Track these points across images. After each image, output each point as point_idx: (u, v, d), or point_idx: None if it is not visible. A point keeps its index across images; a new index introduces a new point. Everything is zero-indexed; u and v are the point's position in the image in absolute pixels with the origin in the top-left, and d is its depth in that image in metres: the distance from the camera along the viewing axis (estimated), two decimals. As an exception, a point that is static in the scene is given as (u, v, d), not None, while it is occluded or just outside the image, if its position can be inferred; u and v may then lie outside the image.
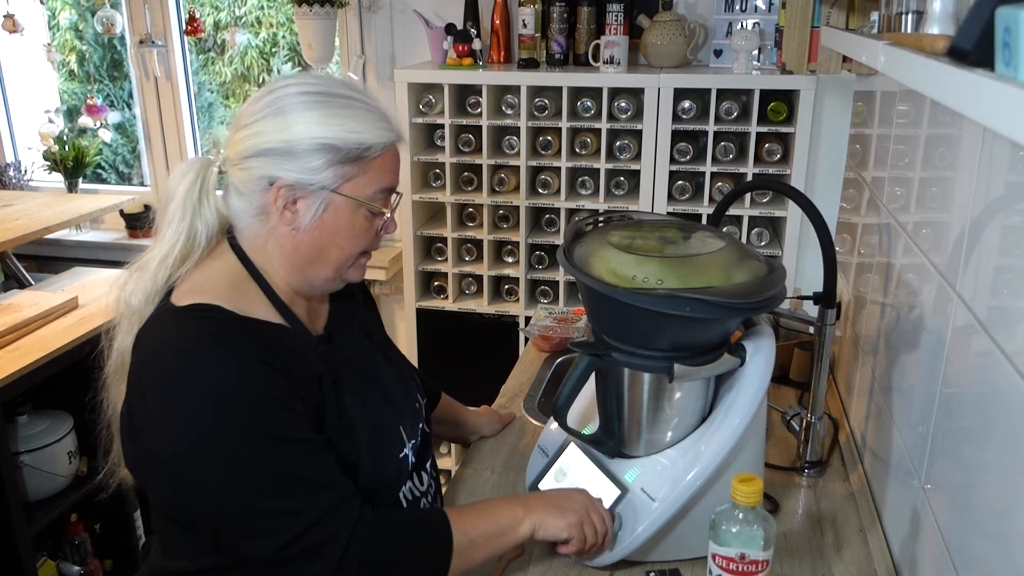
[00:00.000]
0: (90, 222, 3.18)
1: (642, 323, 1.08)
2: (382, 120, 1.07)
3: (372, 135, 1.05)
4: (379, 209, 1.08)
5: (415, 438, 1.19)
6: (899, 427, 1.20)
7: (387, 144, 1.07)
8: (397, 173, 1.10)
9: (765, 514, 1.01)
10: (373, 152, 1.05)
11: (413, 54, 2.75)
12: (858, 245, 1.66)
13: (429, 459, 1.26)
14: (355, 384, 1.12)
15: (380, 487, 1.12)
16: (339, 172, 1.03)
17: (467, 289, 2.66)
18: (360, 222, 1.07)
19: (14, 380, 1.90)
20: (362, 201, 1.06)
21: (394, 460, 1.14)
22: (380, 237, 1.12)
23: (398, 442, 1.15)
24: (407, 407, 1.21)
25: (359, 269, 1.13)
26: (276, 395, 0.99)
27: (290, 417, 0.99)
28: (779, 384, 1.74)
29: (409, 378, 1.27)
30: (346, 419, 1.07)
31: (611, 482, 1.18)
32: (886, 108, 1.47)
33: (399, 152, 1.11)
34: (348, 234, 1.07)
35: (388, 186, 1.09)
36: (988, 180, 0.89)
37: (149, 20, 3.00)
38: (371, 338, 1.24)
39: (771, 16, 2.38)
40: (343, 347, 1.15)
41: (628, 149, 2.37)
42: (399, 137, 1.09)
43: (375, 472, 1.10)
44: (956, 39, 0.67)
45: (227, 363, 0.98)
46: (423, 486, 1.22)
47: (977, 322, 0.89)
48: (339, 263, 1.10)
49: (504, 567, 1.19)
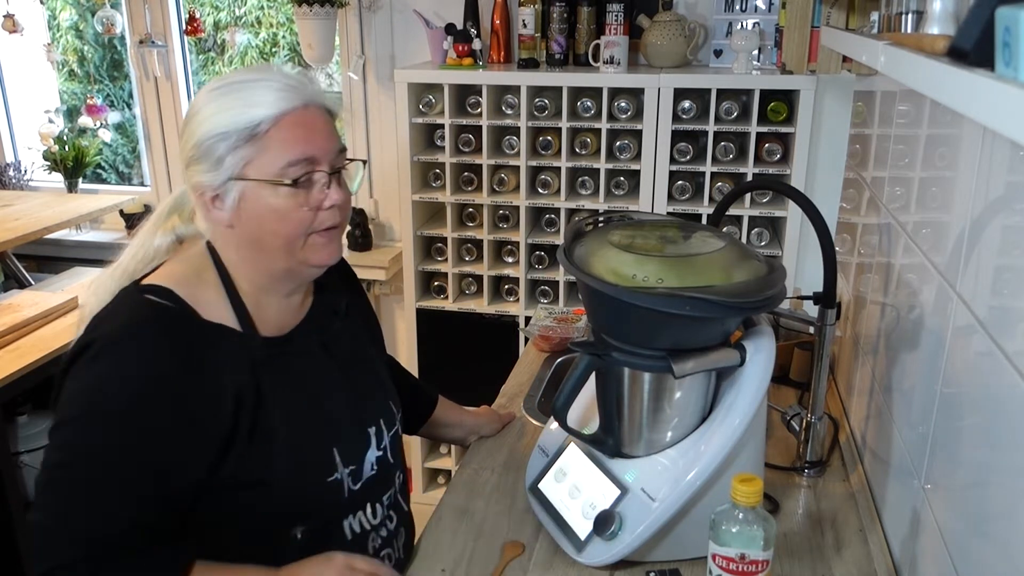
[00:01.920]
0: (90, 222, 3.18)
1: (642, 322, 1.08)
2: (275, 92, 1.01)
3: (261, 110, 1.00)
4: (288, 183, 1.01)
5: (355, 464, 1.13)
6: (899, 427, 1.20)
7: (280, 114, 1.01)
8: (311, 141, 1.03)
9: (765, 514, 1.01)
10: (264, 126, 1.00)
11: (413, 54, 2.75)
12: (858, 245, 1.66)
13: (389, 493, 1.21)
14: (288, 397, 1.08)
15: (306, 511, 1.09)
16: (238, 157, 1.01)
17: (467, 289, 2.66)
18: (280, 201, 1.02)
19: (14, 380, 1.90)
20: (270, 180, 1.01)
21: (319, 483, 1.09)
22: (327, 212, 1.05)
23: (327, 465, 1.09)
24: (352, 431, 1.15)
25: (317, 249, 1.06)
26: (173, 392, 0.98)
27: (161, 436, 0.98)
28: (779, 384, 1.74)
29: (376, 401, 1.21)
30: (262, 433, 1.04)
31: (611, 482, 1.18)
32: (886, 108, 1.47)
33: (314, 119, 1.04)
34: (275, 217, 1.03)
35: (297, 158, 1.02)
36: (988, 180, 0.89)
37: (149, 20, 3.00)
38: (330, 350, 1.17)
39: (771, 16, 2.38)
40: (293, 356, 1.11)
41: (628, 149, 2.37)
42: (303, 102, 1.02)
43: (293, 493, 1.06)
44: (956, 39, 0.67)
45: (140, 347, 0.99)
46: (375, 520, 1.17)
47: (977, 322, 0.89)
48: (285, 248, 1.05)
49: (504, 566, 1.19)
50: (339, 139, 1.08)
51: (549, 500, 1.24)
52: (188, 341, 1.02)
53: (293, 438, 1.07)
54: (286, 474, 1.06)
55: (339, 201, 1.06)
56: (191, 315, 1.04)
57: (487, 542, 1.25)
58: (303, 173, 1.03)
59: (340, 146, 1.08)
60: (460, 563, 1.21)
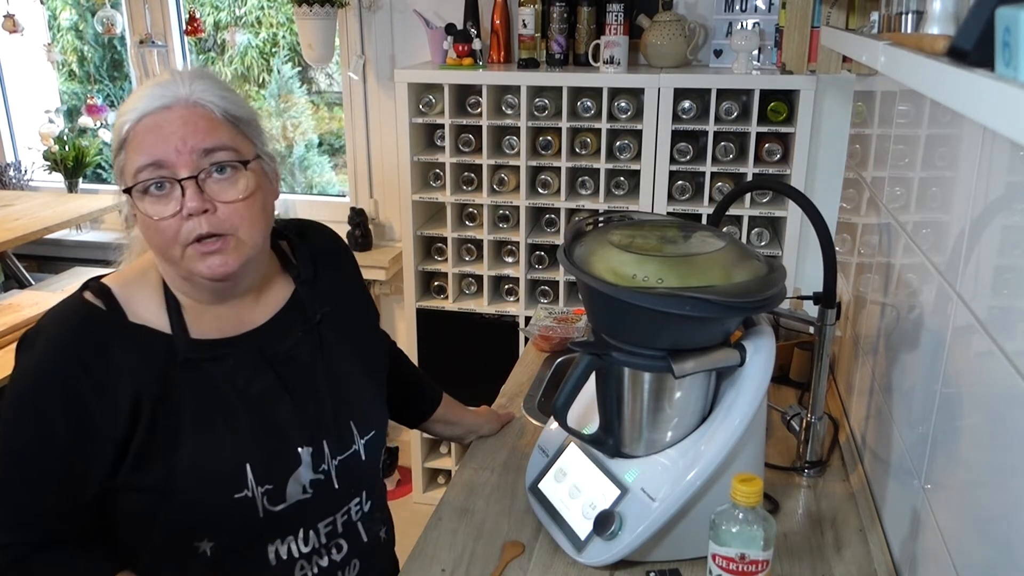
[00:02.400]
0: (90, 222, 3.18)
1: (642, 322, 1.08)
2: (146, 94, 0.98)
3: (128, 115, 0.97)
4: (126, 188, 0.98)
5: (272, 484, 1.05)
6: (899, 427, 1.20)
7: (140, 115, 0.97)
8: (163, 144, 0.96)
9: (765, 514, 1.01)
10: (124, 130, 0.98)
11: (413, 54, 2.75)
12: (858, 245, 1.66)
13: (331, 520, 1.12)
14: (203, 405, 1.03)
15: (211, 526, 1.04)
16: (118, 164, 1.00)
17: (467, 289, 2.66)
18: (146, 211, 0.97)
19: (14, 380, 1.90)
20: (126, 189, 0.99)
21: (225, 499, 1.02)
22: (194, 220, 0.97)
23: (234, 480, 1.03)
24: (276, 448, 1.07)
25: (196, 262, 0.99)
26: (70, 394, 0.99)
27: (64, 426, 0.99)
28: (779, 384, 1.74)
29: (323, 421, 1.11)
30: (165, 439, 1.01)
31: (611, 482, 1.18)
32: (886, 108, 1.47)
33: (171, 119, 0.97)
34: (145, 227, 1.00)
35: (144, 163, 0.96)
36: (988, 180, 0.89)
37: (149, 20, 3.00)
38: (276, 362, 1.10)
39: (771, 16, 2.38)
40: (222, 362, 1.06)
41: (628, 149, 2.37)
42: (162, 103, 0.97)
43: (194, 504, 1.02)
44: (956, 39, 0.67)
45: (51, 347, 1.01)
46: (306, 547, 1.09)
47: (977, 322, 0.89)
48: (166, 260, 1.02)
49: (504, 566, 1.19)
50: (219, 138, 0.99)
51: (549, 500, 1.24)
52: (97, 342, 1.00)
53: (199, 447, 1.02)
54: (187, 484, 1.01)
55: (194, 209, 0.96)
56: (115, 316, 1.03)
57: (487, 542, 1.25)
58: (153, 178, 0.97)
59: (215, 145, 0.99)
60: (460, 563, 1.20)
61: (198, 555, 1.05)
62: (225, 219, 0.99)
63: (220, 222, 0.99)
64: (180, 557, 1.06)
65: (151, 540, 1.05)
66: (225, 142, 1.00)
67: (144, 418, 1.01)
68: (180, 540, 1.05)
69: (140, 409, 1.00)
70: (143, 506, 1.04)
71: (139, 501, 1.04)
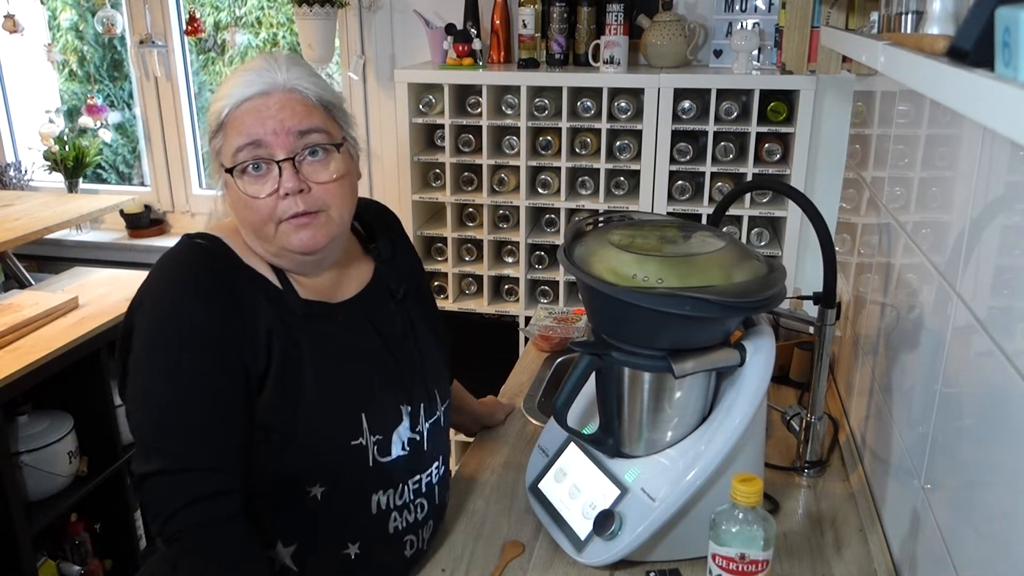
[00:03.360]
0: (90, 222, 3.18)
1: (642, 322, 1.08)
2: (243, 79, 1.04)
3: (227, 100, 1.04)
4: (228, 167, 1.04)
5: (382, 435, 1.12)
6: (899, 427, 1.20)
7: (239, 100, 1.03)
8: (261, 125, 1.02)
9: (765, 514, 1.01)
10: (224, 114, 1.04)
11: (413, 54, 2.75)
12: (858, 245, 1.66)
13: (418, 479, 1.17)
14: (322, 356, 1.08)
15: (328, 470, 1.08)
16: (215, 147, 1.06)
17: (467, 289, 2.66)
18: (243, 189, 1.04)
19: (14, 380, 1.90)
20: (227, 167, 1.05)
21: (344, 446, 1.08)
22: (291, 199, 1.04)
23: (352, 427, 1.09)
24: (384, 402, 1.13)
25: (294, 235, 1.05)
26: (215, 332, 1.01)
27: (222, 354, 1.01)
28: (779, 384, 1.74)
29: (418, 383, 1.18)
30: (292, 382, 1.05)
31: (611, 482, 1.18)
32: (886, 108, 1.47)
33: (269, 104, 1.03)
34: (241, 206, 1.06)
35: (242, 143, 1.03)
36: (988, 180, 0.89)
37: (149, 20, 3.00)
38: (376, 325, 1.17)
39: (771, 16, 2.38)
40: (332, 320, 1.12)
41: (628, 149, 2.37)
42: (260, 89, 1.04)
43: (315, 448, 1.07)
44: (956, 39, 0.67)
45: (186, 283, 1.03)
46: (399, 500, 1.15)
47: (977, 322, 0.89)
48: (259, 236, 1.07)
49: (504, 566, 1.19)
50: (314, 121, 1.05)
51: (549, 500, 1.25)
52: (224, 274, 1.05)
53: (322, 394, 1.07)
54: (311, 428, 1.06)
55: (291, 189, 1.03)
56: (230, 256, 1.08)
57: (487, 542, 1.25)
58: (250, 159, 1.03)
59: (310, 127, 1.05)
60: (460, 563, 1.21)
61: (308, 498, 1.09)
62: (318, 198, 1.06)
63: (313, 200, 1.05)
64: (291, 500, 1.09)
65: (268, 483, 1.08)
66: (319, 125, 1.06)
67: (276, 356, 1.04)
68: (295, 484, 1.08)
69: (272, 347, 1.04)
70: (268, 448, 1.06)
71: (266, 443, 1.06)
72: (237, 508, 1.01)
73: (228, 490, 1.01)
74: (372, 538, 1.13)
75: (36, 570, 2.06)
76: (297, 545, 1.10)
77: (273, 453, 1.06)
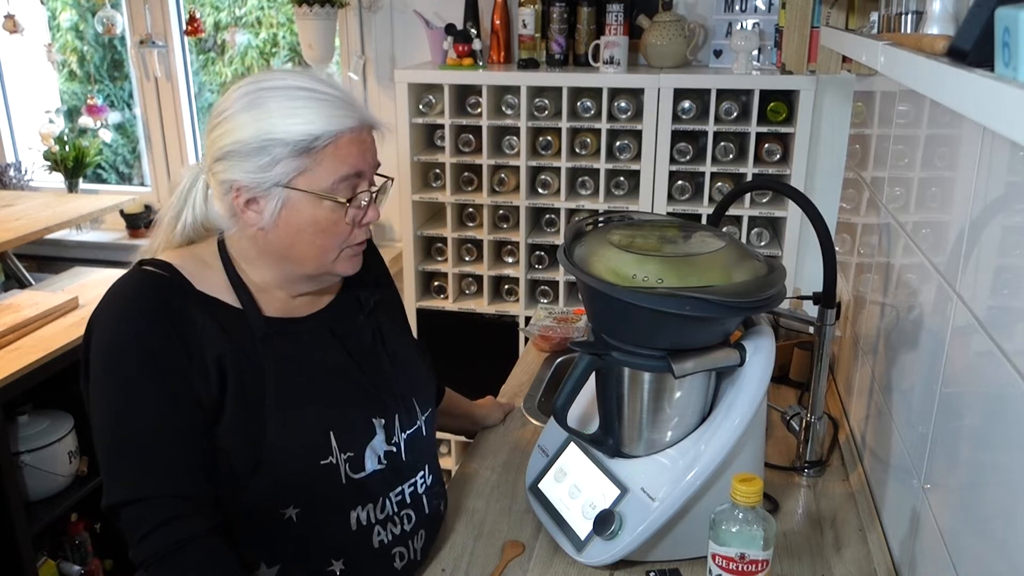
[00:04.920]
0: (90, 222, 3.18)
1: (642, 322, 1.08)
2: (336, 108, 1.04)
3: (320, 124, 1.02)
4: (341, 199, 1.05)
5: (353, 451, 1.11)
6: (899, 427, 1.20)
7: (338, 132, 1.03)
8: (363, 159, 1.06)
9: (765, 514, 1.01)
10: (322, 141, 1.02)
11: (413, 54, 2.75)
12: (858, 245, 1.66)
13: (400, 490, 1.16)
14: (286, 375, 1.08)
15: (299, 492, 1.08)
16: (290, 166, 1.03)
17: (467, 289, 2.66)
18: (325, 215, 1.05)
19: (14, 380, 1.90)
20: (319, 194, 1.04)
21: (313, 466, 1.08)
22: (363, 228, 1.10)
23: (320, 448, 1.08)
24: (355, 419, 1.13)
25: (347, 262, 1.11)
26: (164, 361, 1.01)
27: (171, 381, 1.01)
28: (779, 384, 1.74)
29: (391, 395, 1.17)
30: (254, 405, 1.05)
31: (611, 482, 1.18)
32: (886, 108, 1.47)
33: (365, 137, 1.07)
34: (315, 229, 1.06)
35: (348, 173, 1.05)
36: (988, 180, 0.89)
37: (149, 20, 3.00)
38: (343, 340, 1.16)
39: (771, 16, 2.38)
40: (297, 337, 1.12)
41: (628, 149, 2.38)
42: (359, 123, 1.06)
43: (283, 470, 1.06)
44: (956, 39, 0.67)
45: (136, 311, 1.03)
46: (382, 513, 1.14)
47: (977, 322, 0.89)
48: (316, 258, 1.08)
49: (504, 566, 1.19)
50: (378, 159, 1.12)
51: (549, 500, 1.25)
52: (175, 303, 1.04)
53: (285, 416, 1.06)
54: (277, 451, 1.05)
55: (376, 219, 1.11)
56: (183, 284, 1.07)
57: (487, 542, 1.25)
58: (352, 190, 1.06)
59: (378, 164, 1.11)
60: (460, 563, 1.21)
61: (284, 520, 1.08)
62: (371, 228, 1.13)
63: (369, 231, 1.13)
64: (267, 522, 1.08)
65: (241, 508, 1.07)
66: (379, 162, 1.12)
67: (231, 384, 1.04)
68: (269, 507, 1.08)
69: (226, 374, 1.04)
70: (234, 473, 1.06)
71: (232, 468, 1.06)
72: (206, 527, 1.01)
73: (194, 512, 1.01)
74: (357, 554, 1.12)
75: (36, 570, 2.06)
76: (280, 566, 1.09)
77: (241, 477, 1.06)
